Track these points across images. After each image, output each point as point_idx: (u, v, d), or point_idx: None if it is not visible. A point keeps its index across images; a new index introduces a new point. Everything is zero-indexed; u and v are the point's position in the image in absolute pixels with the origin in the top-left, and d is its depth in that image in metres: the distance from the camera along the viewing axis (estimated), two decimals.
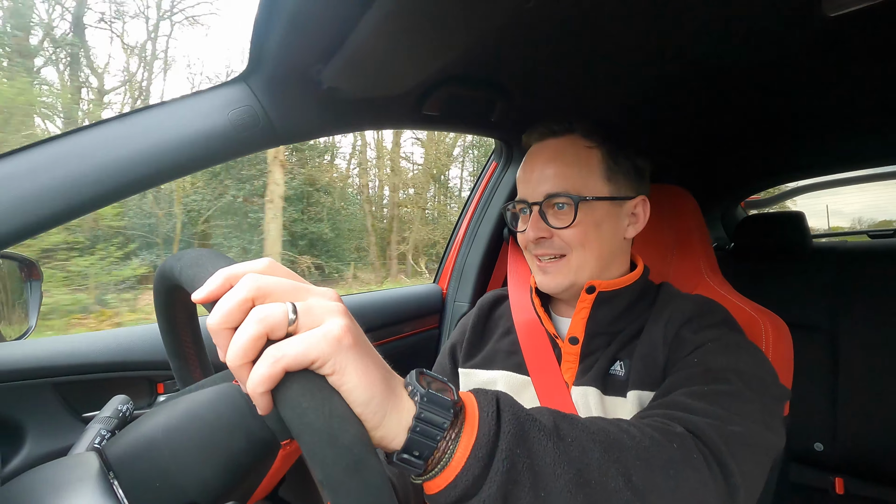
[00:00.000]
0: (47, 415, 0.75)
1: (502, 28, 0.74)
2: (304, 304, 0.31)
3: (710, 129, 1.37)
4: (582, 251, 0.71)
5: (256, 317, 0.29)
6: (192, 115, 0.68)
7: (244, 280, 0.31)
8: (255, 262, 0.33)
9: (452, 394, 0.36)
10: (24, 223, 0.57)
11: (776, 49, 0.87)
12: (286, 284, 0.32)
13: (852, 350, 1.60)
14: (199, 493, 0.38)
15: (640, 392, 0.65)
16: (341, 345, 0.30)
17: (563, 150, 0.73)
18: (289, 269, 0.35)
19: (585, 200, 0.70)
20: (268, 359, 0.28)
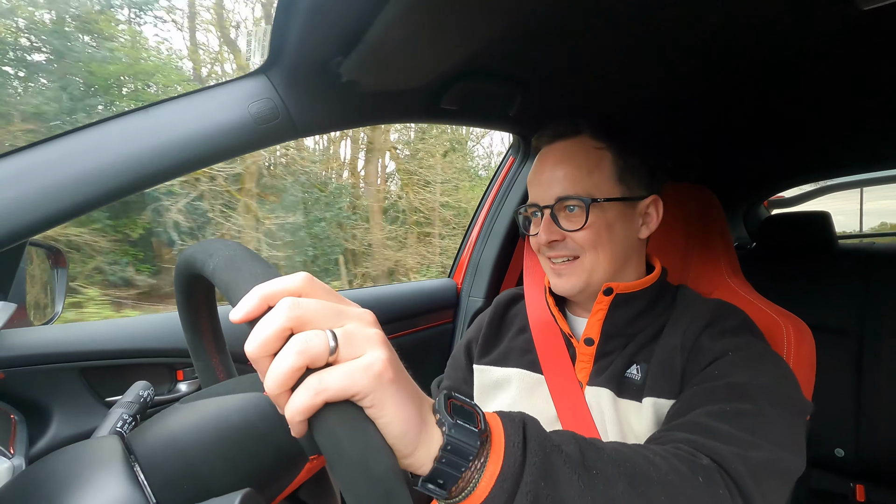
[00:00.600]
0: (72, 398, 0.78)
1: (524, 22, 0.73)
2: (344, 332, 0.30)
3: (735, 125, 1.34)
4: (595, 253, 0.71)
5: (297, 348, 0.28)
6: (212, 108, 0.69)
7: (282, 306, 0.29)
8: (292, 280, 0.32)
9: (480, 421, 0.36)
10: (51, 212, 0.59)
11: (806, 44, 0.85)
12: (325, 309, 0.31)
13: (878, 355, 1.55)
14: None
15: (657, 399, 0.64)
16: (382, 380, 0.30)
17: (572, 152, 0.72)
18: (325, 286, 0.33)
19: (596, 202, 0.70)
20: (308, 390, 0.28)
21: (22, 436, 0.66)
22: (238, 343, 0.99)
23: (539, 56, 0.86)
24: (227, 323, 0.56)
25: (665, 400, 0.64)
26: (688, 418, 0.54)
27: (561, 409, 0.72)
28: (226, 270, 0.34)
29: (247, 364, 0.93)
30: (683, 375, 0.64)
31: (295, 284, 0.31)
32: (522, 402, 0.76)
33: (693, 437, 0.49)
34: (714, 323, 0.67)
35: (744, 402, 0.54)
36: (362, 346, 0.31)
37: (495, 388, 0.81)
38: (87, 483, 0.37)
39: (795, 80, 1.01)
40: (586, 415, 0.69)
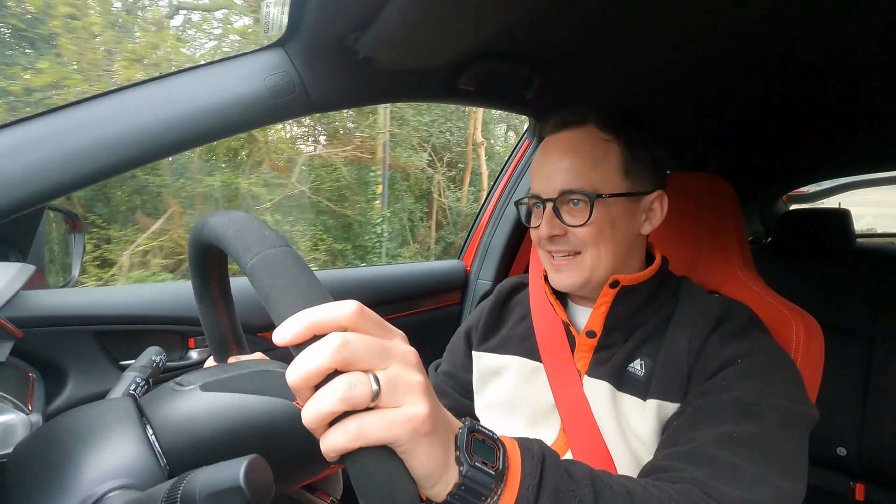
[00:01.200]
0: (88, 360, 0.80)
1: (544, 3, 0.71)
2: (387, 379, 0.30)
3: (758, 116, 1.31)
4: (596, 249, 0.69)
5: (339, 394, 0.28)
6: (229, 79, 0.69)
7: (330, 343, 0.28)
8: (342, 311, 0.30)
9: (499, 459, 0.36)
10: (68, 178, 0.60)
11: (838, 36, 0.82)
12: (372, 349, 0.30)
13: (888, 357, 1.54)
14: None
15: (662, 402, 0.64)
16: (418, 433, 0.30)
17: (578, 142, 0.70)
18: (374, 316, 0.33)
19: (601, 198, 0.68)
20: (347, 434, 0.28)
21: (39, 394, 0.69)
22: (246, 314, 1.00)
23: (559, 39, 0.84)
24: (238, 296, 0.57)
25: (670, 403, 0.63)
26: (696, 446, 0.53)
27: (559, 397, 0.72)
28: (268, 275, 0.32)
29: (255, 335, 0.94)
30: (690, 379, 0.63)
31: (344, 317, 0.30)
32: (520, 389, 0.76)
33: (703, 479, 0.49)
34: (721, 324, 0.66)
35: (752, 422, 0.54)
36: (403, 396, 0.30)
37: (493, 374, 0.81)
38: (101, 439, 0.38)
39: (828, 72, 0.98)
40: (584, 405, 0.69)
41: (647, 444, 0.63)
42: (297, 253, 0.35)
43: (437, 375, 0.92)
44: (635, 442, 0.65)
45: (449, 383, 0.89)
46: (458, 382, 0.88)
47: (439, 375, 0.91)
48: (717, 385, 0.59)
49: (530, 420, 0.74)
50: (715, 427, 0.54)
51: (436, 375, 0.92)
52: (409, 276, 1.34)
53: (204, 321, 0.54)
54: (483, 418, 0.80)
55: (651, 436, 0.63)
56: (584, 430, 0.68)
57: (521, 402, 0.76)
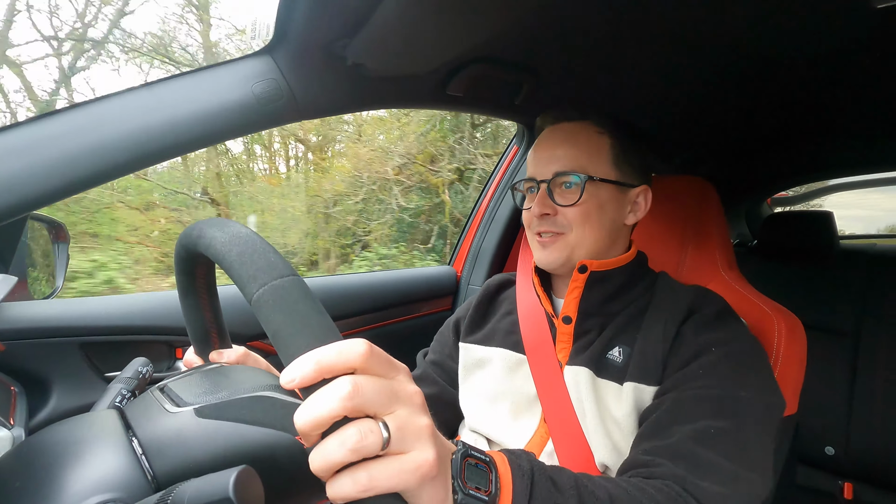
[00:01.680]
0: (72, 372, 0.78)
1: (534, 9, 0.72)
2: (396, 426, 0.30)
3: (744, 122, 1.33)
4: (581, 230, 0.73)
5: (349, 444, 0.28)
6: (216, 86, 0.69)
7: (340, 390, 0.28)
8: (351, 352, 0.30)
9: (491, 483, 0.37)
10: (52, 187, 0.59)
11: (819, 40, 0.84)
12: (381, 394, 0.30)
13: (873, 357, 1.56)
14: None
15: (638, 385, 0.66)
16: (425, 479, 0.31)
17: (575, 133, 0.75)
18: (383, 355, 0.32)
19: (592, 180, 0.72)
20: (357, 485, 0.28)
21: (22, 407, 0.67)
22: (236, 323, 0.99)
23: (548, 45, 0.85)
24: (227, 304, 0.56)
25: (646, 386, 0.66)
26: (674, 442, 0.56)
27: (541, 388, 0.74)
28: (276, 311, 0.31)
29: (244, 344, 0.93)
30: (665, 365, 0.66)
31: (354, 358, 0.30)
32: (504, 380, 0.78)
33: (682, 475, 0.51)
34: (694, 312, 0.69)
35: (728, 418, 0.57)
36: (412, 442, 0.30)
37: (478, 366, 0.83)
38: (86, 453, 0.38)
39: (808, 78, 1.00)
40: (564, 395, 0.71)
41: (622, 427, 0.66)
42: (305, 283, 0.33)
43: (425, 363, 0.93)
44: (612, 426, 0.67)
45: (436, 371, 0.91)
46: (444, 371, 0.90)
47: (427, 363, 0.93)
48: (693, 375, 0.62)
49: (513, 410, 0.76)
50: (692, 421, 0.57)
51: (423, 363, 0.94)
52: (400, 283, 1.33)
53: (187, 314, 0.53)
54: (467, 409, 0.82)
55: (626, 417, 0.66)
56: (563, 419, 0.70)
57: (505, 392, 0.78)
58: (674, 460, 0.53)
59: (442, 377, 0.90)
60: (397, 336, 1.29)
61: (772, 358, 0.76)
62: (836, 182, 2.38)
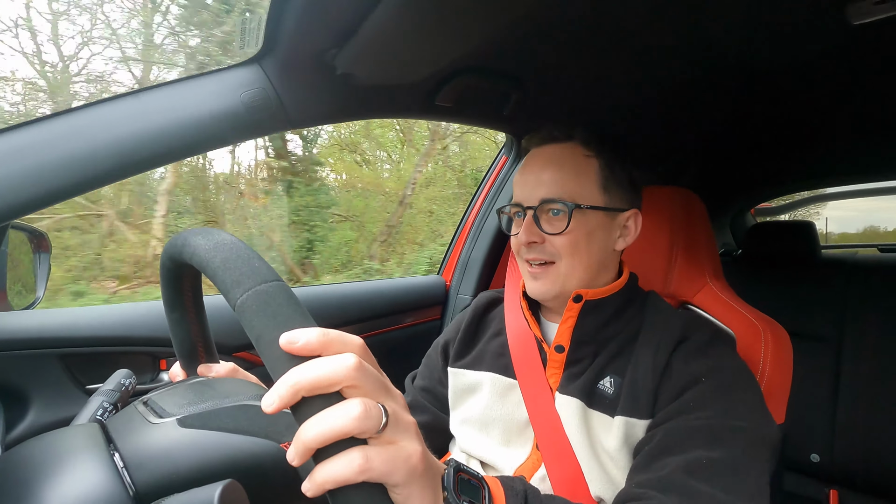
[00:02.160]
0: (52, 385, 0.76)
1: (521, 20, 0.73)
2: (392, 411, 0.30)
3: (726, 132, 1.36)
4: (571, 260, 0.71)
5: (354, 413, 0.27)
6: (204, 95, 0.68)
7: (348, 359, 0.29)
8: (352, 340, 0.31)
9: (484, 497, 0.37)
10: (35, 195, 0.57)
11: (798, 56, 0.86)
12: (378, 381, 0.31)
13: (856, 363, 1.59)
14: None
15: (629, 419, 0.65)
16: (415, 473, 0.30)
17: (561, 156, 0.73)
18: (374, 367, 0.32)
19: (580, 208, 0.70)
20: (352, 465, 0.27)
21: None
22: (222, 333, 0.97)
23: (536, 56, 0.86)
24: (214, 314, 0.55)
25: (637, 420, 0.65)
26: (667, 474, 0.55)
27: (533, 414, 0.72)
28: (259, 316, 0.31)
29: (230, 355, 0.92)
30: (656, 396, 0.65)
31: (354, 345, 0.31)
32: (495, 405, 0.76)
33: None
34: (683, 341, 0.68)
35: (720, 448, 0.55)
36: (402, 431, 0.31)
37: (468, 391, 0.81)
38: (65, 469, 0.37)
39: (788, 91, 1.03)
40: (557, 421, 0.70)
41: (615, 459, 0.65)
42: (289, 289, 0.33)
43: (415, 390, 0.91)
44: (605, 457, 0.66)
45: (427, 398, 0.89)
46: (435, 397, 0.88)
47: (416, 390, 0.91)
48: (685, 407, 0.61)
49: (505, 436, 0.75)
50: (684, 453, 0.56)
51: (413, 390, 0.92)
52: (389, 292, 1.33)
53: (173, 328, 0.52)
54: (458, 434, 0.80)
55: (618, 451, 0.64)
56: (556, 446, 0.69)
57: (496, 418, 0.76)
58: (665, 493, 0.52)
59: (433, 404, 0.88)
60: (386, 346, 1.28)
61: (759, 368, 0.77)
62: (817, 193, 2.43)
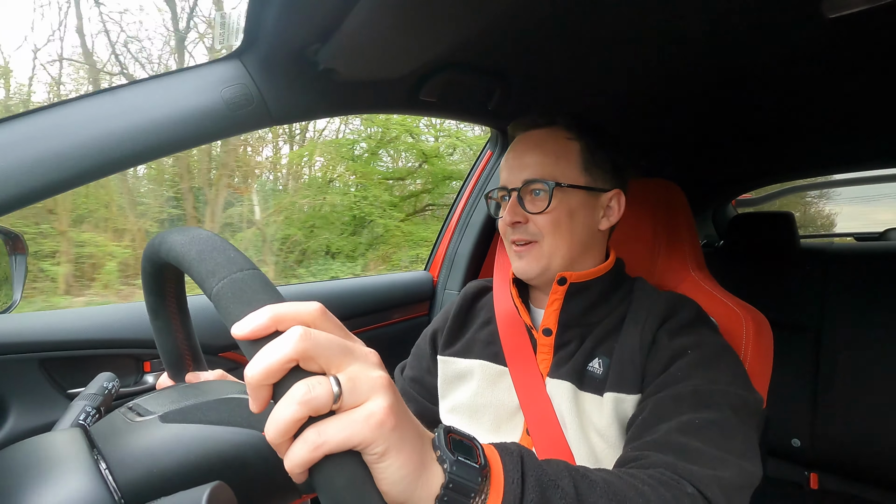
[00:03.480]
0: (32, 390, 0.75)
1: (504, 15, 0.73)
2: (348, 378, 0.29)
3: (706, 125, 1.38)
4: (553, 238, 0.73)
5: (299, 398, 0.27)
6: (184, 91, 0.67)
7: (292, 333, 0.28)
8: (306, 307, 0.30)
9: (480, 456, 0.36)
10: (9, 195, 0.56)
11: (775, 49, 0.87)
12: (333, 346, 0.29)
13: (834, 350, 1.63)
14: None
15: (617, 395, 0.67)
16: (383, 429, 0.29)
17: (544, 140, 0.75)
18: (337, 321, 0.32)
19: (560, 187, 0.72)
20: (308, 444, 0.27)
21: None
22: (207, 335, 0.96)
23: (519, 51, 0.86)
24: (198, 315, 0.55)
25: (626, 395, 0.66)
26: (661, 436, 0.56)
27: (524, 400, 0.73)
28: (234, 302, 0.31)
29: (216, 356, 0.91)
30: (644, 372, 0.67)
31: (307, 313, 0.30)
32: (485, 392, 0.77)
33: (672, 462, 0.52)
34: (669, 318, 0.70)
35: (709, 410, 0.58)
36: (365, 392, 0.29)
37: (458, 379, 0.82)
38: (47, 476, 0.36)
39: (765, 84, 1.05)
40: (548, 406, 0.71)
41: (605, 436, 0.66)
42: (266, 276, 0.33)
43: (404, 380, 0.92)
44: (595, 436, 0.67)
45: (415, 388, 0.90)
46: (423, 387, 0.89)
47: (405, 381, 0.92)
48: (672, 378, 0.63)
49: (495, 423, 0.76)
50: (676, 417, 0.58)
51: (402, 380, 0.93)
52: (375, 289, 1.32)
53: (158, 337, 0.51)
54: (447, 422, 0.81)
55: (608, 427, 0.66)
56: (547, 431, 0.70)
57: (486, 405, 0.77)
58: (662, 451, 0.54)
59: (421, 394, 0.89)
60: (374, 342, 1.27)
61: (741, 354, 0.79)
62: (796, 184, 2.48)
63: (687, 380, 0.62)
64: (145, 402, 0.45)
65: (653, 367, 0.66)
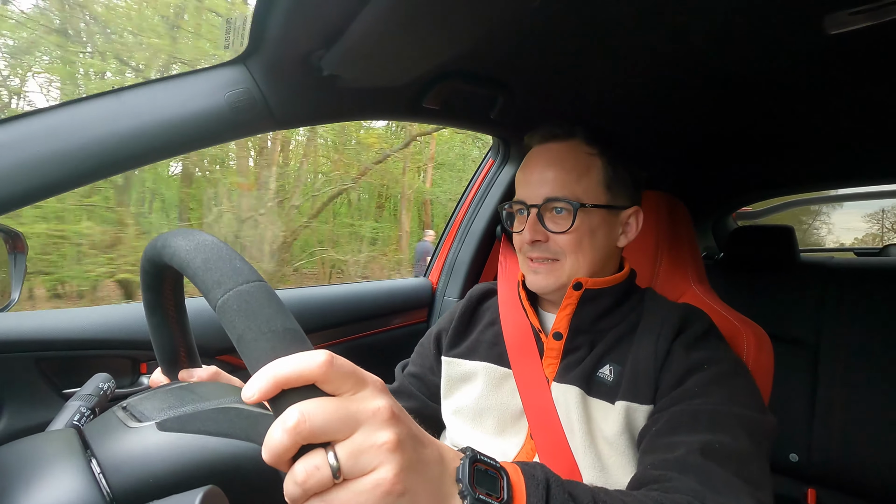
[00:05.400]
0: (27, 389, 0.74)
1: (507, 26, 0.74)
2: (349, 449, 0.28)
3: (707, 137, 1.38)
4: (575, 257, 0.72)
5: (299, 482, 0.28)
6: (189, 94, 0.67)
7: (285, 423, 0.28)
8: (311, 363, 0.29)
9: (503, 489, 0.35)
10: (14, 193, 0.56)
11: (777, 63, 0.88)
12: (333, 418, 0.28)
13: (833, 365, 1.62)
14: None
15: (630, 404, 0.65)
16: (391, 495, 0.29)
17: (564, 154, 0.73)
18: (346, 367, 0.31)
19: (584, 207, 0.71)
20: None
21: None
22: (205, 337, 0.96)
23: (522, 61, 0.87)
24: (196, 318, 0.55)
25: (638, 405, 0.65)
26: (681, 455, 0.55)
27: (527, 403, 0.73)
28: (240, 316, 0.30)
29: (213, 358, 0.91)
30: (658, 383, 0.66)
31: (312, 370, 0.29)
32: (489, 395, 0.77)
33: (697, 489, 0.50)
34: (684, 330, 0.69)
35: (727, 433, 0.56)
36: (370, 461, 0.29)
37: (462, 380, 0.82)
38: (39, 476, 0.36)
39: (766, 97, 1.05)
40: (552, 411, 0.70)
41: (614, 445, 0.65)
42: (271, 289, 0.33)
43: (404, 376, 0.91)
44: (602, 444, 0.66)
45: (416, 385, 0.89)
46: (425, 385, 0.88)
47: (406, 377, 0.91)
48: (689, 393, 0.62)
49: (499, 426, 0.75)
50: (694, 434, 0.57)
51: (402, 376, 0.92)
52: (375, 295, 1.32)
53: (153, 332, 0.51)
54: (450, 424, 0.80)
55: (617, 436, 0.65)
56: (550, 436, 0.69)
57: (490, 408, 0.76)
58: (684, 473, 0.52)
59: (422, 391, 0.88)
60: (372, 349, 1.28)
61: None
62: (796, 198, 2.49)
63: (704, 396, 0.61)
64: (139, 404, 0.45)
65: (667, 378, 0.65)
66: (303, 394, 0.28)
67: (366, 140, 7.73)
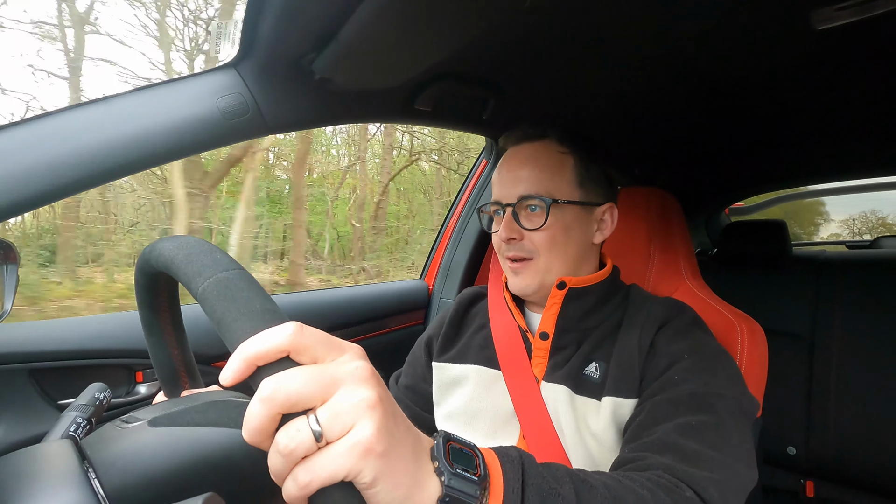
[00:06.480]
0: (22, 400, 0.74)
1: (499, 27, 0.74)
2: (329, 412, 0.28)
3: (698, 135, 1.39)
4: (549, 255, 0.73)
5: (282, 450, 0.28)
6: (179, 100, 0.67)
7: (264, 391, 0.28)
8: (277, 337, 0.29)
9: (479, 465, 0.35)
10: (2, 203, 0.56)
11: (765, 60, 0.89)
12: (309, 382, 0.28)
13: (828, 357, 1.63)
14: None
15: (616, 399, 0.67)
16: (370, 457, 0.28)
17: (537, 154, 0.75)
18: (316, 334, 0.30)
19: (557, 203, 0.72)
20: (298, 483, 0.28)
21: None
22: (201, 344, 0.95)
23: (513, 62, 0.87)
24: (191, 325, 0.54)
25: (624, 399, 0.66)
26: (658, 437, 0.56)
27: (518, 404, 0.73)
28: (220, 300, 0.31)
29: (209, 365, 0.90)
30: (642, 376, 0.67)
31: (281, 343, 0.29)
32: (480, 397, 0.77)
33: (670, 464, 0.51)
34: (666, 323, 0.71)
35: (705, 413, 0.57)
36: (350, 420, 0.29)
37: (454, 384, 0.82)
38: (36, 488, 0.35)
39: (756, 93, 1.06)
40: (543, 410, 0.71)
41: (602, 441, 0.66)
42: (251, 275, 0.33)
43: (398, 388, 0.92)
44: (591, 441, 0.67)
45: (409, 396, 0.89)
46: (418, 395, 0.89)
47: (400, 389, 0.91)
48: (670, 382, 0.63)
49: (491, 428, 0.75)
50: (673, 419, 0.58)
51: (396, 388, 0.92)
52: (371, 298, 1.32)
53: (153, 353, 0.51)
54: (444, 426, 0.80)
55: (605, 431, 0.66)
56: (542, 436, 0.70)
57: (482, 410, 0.76)
58: (660, 453, 0.54)
59: (416, 401, 0.88)
60: (370, 351, 1.26)
61: (736, 362, 0.79)
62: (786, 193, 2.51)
63: (684, 384, 0.62)
64: (138, 414, 0.45)
65: (651, 371, 0.66)
66: (279, 367, 0.28)
67: None
